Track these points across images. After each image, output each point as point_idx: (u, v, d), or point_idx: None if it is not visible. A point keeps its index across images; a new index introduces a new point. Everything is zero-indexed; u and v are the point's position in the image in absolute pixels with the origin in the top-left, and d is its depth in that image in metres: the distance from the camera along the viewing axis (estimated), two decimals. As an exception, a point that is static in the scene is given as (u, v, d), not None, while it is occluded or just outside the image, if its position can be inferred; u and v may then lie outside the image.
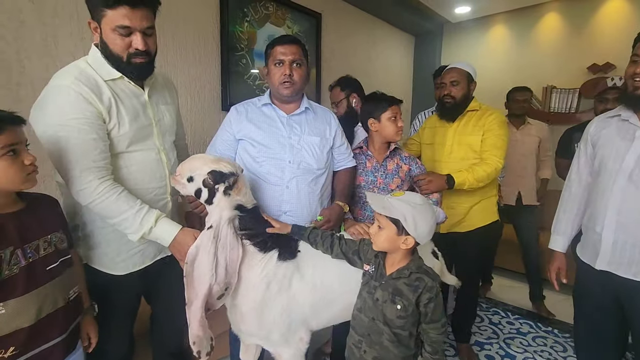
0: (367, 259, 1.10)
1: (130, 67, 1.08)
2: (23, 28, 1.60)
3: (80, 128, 0.99)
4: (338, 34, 3.21)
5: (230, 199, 1.08)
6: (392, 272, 1.03)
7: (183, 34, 2.16)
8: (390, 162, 1.57)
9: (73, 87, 1.00)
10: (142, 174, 1.15)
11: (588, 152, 1.37)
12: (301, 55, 1.38)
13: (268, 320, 1.11)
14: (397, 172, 1.56)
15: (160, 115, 1.23)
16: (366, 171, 1.58)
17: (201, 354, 1.03)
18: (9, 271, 0.82)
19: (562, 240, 1.46)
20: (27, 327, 0.85)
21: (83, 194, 1.02)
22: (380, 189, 1.55)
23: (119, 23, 1.01)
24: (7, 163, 0.81)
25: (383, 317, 1.02)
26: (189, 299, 1.02)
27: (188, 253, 1.02)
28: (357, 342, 1.08)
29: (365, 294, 1.07)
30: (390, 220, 0.97)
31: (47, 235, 0.92)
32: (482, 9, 3.64)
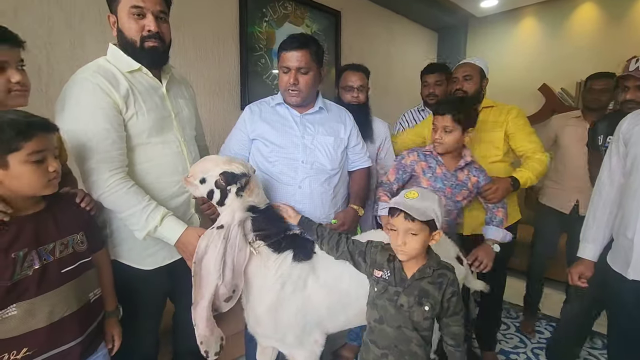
0: (378, 264, 1.03)
1: (144, 52, 1.10)
2: (53, 34, 1.67)
3: (95, 119, 1.02)
4: (357, 31, 3.17)
5: (242, 200, 1.08)
6: (412, 273, 0.99)
7: (202, 35, 2.19)
8: (461, 172, 1.48)
9: (90, 79, 1.03)
10: (164, 167, 1.16)
11: (620, 150, 1.27)
12: (308, 60, 1.29)
13: (283, 321, 1.10)
14: (465, 184, 1.47)
15: (178, 109, 1.24)
16: (435, 176, 1.48)
17: (209, 354, 1.03)
18: (23, 272, 0.83)
19: (593, 248, 1.35)
20: (40, 329, 0.86)
21: (94, 186, 1.03)
22: (447, 198, 1.46)
23: (133, 3, 1.05)
24: (31, 169, 0.83)
25: (411, 323, 0.97)
26: (195, 299, 1.01)
27: (196, 252, 1.01)
28: (379, 357, 1.00)
29: (384, 302, 1.00)
30: (424, 223, 0.94)
31: (64, 237, 0.93)
32: (511, 2, 3.47)
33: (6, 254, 0.81)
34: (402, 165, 1.54)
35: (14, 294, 0.82)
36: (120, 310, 1.13)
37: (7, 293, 0.81)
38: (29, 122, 0.82)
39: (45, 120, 0.87)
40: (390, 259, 1.03)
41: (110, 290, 1.09)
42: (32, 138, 0.82)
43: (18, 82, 0.91)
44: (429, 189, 1.40)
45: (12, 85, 0.91)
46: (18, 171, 0.81)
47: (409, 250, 0.95)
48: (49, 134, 0.87)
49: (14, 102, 0.93)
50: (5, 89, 0.90)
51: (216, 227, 1.04)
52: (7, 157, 0.80)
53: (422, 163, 1.51)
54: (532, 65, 3.53)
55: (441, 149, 1.45)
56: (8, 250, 0.81)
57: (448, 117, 1.40)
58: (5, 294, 0.81)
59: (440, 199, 1.00)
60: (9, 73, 0.90)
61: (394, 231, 0.97)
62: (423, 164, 1.51)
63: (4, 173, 0.81)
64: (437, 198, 0.98)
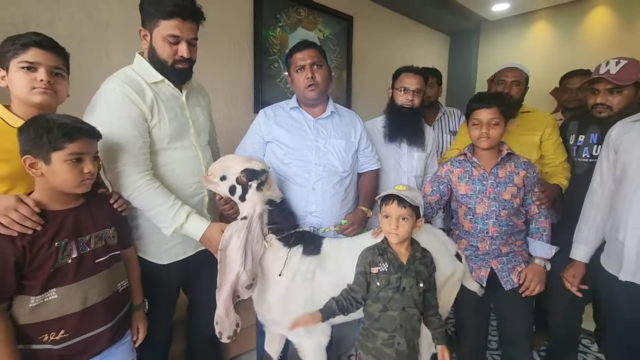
0: (372, 262, 1.12)
1: (173, 72, 1.21)
2: (83, 42, 1.80)
3: (124, 126, 1.12)
4: (370, 36, 3.23)
5: (262, 194, 1.17)
6: (407, 258, 1.12)
7: (218, 40, 2.30)
8: (502, 169, 1.41)
9: (119, 89, 1.13)
10: (182, 169, 1.26)
11: (610, 158, 1.31)
12: (319, 57, 1.44)
13: (292, 310, 1.18)
14: (511, 180, 1.39)
15: (195, 116, 1.34)
16: (473, 179, 1.43)
17: (222, 335, 1.12)
18: (62, 260, 0.93)
19: (584, 249, 1.39)
20: (75, 314, 0.94)
21: (124, 187, 1.14)
22: (490, 199, 1.40)
23: (170, 32, 1.15)
24: (69, 167, 0.92)
25: (413, 302, 1.10)
26: (220, 284, 1.11)
27: (221, 240, 1.11)
28: (387, 339, 1.10)
29: (386, 293, 1.09)
30: (413, 210, 1.10)
31: (98, 230, 1.02)
32: (523, 6, 3.48)
33: (51, 243, 0.91)
34: (437, 177, 1.52)
35: (55, 280, 0.92)
36: (146, 303, 1.22)
37: (49, 278, 0.91)
38: (74, 127, 0.93)
39: (91, 128, 0.98)
40: (380, 253, 1.12)
41: (137, 284, 1.19)
42: (75, 141, 0.92)
43: (42, 81, 1.00)
44: (468, 194, 1.42)
45: (35, 83, 1.00)
46: (58, 168, 0.92)
47: (401, 233, 1.09)
48: (91, 139, 0.98)
49: (35, 98, 1.01)
50: (30, 86, 1.00)
51: (240, 218, 1.14)
52: (51, 155, 0.91)
53: (457, 170, 1.48)
54: (543, 69, 3.52)
55: (487, 144, 1.37)
56: (53, 240, 0.92)
57: (494, 110, 1.36)
58: (48, 279, 0.91)
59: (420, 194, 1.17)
60: (38, 73, 1.00)
61: (387, 218, 1.11)
62: (458, 171, 1.47)
63: (46, 168, 0.92)
64: (420, 192, 1.21)
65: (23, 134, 0.91)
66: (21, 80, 0.99)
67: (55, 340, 0.93)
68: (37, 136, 0.89)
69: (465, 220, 1.45)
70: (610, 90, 1.41)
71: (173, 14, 1.13)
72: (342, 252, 1.26)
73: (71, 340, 0.95)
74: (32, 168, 0.92)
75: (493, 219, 1.39)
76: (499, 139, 1.38)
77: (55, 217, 0.94)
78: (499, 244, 1.41)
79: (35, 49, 0.99)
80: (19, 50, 0.98)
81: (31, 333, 0.91)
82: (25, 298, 0.90)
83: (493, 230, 1.39)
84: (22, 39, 0.99)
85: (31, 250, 0.89)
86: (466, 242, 1.47)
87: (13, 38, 1.00)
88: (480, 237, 1.42)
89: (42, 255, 0.90)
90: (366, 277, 1.12)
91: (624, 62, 1.39)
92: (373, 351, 1.11)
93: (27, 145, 0.90)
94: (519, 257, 1.44)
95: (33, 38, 1.00)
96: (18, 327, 0.90)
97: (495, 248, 1.42)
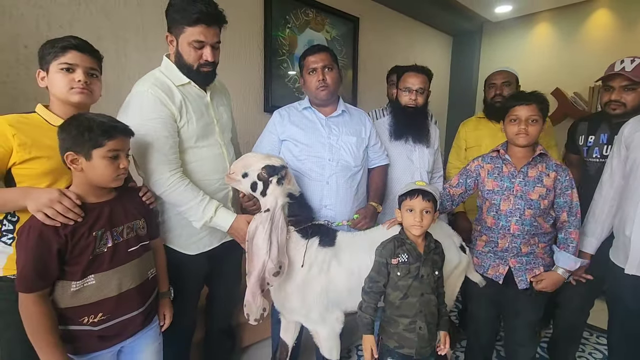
0: (393, 254, 1.19)
1: (198, 75, 1.28)
2: (100, 42, 1.86)
3: (156, 127, 1.18)
4: (375, 36, 3.30)
5: (282, 188, 1.24)
6: (423, 249, 1.21)
7: (230, 41, 2.36)
8: (533, 168, 1.40)
9: (151, 92, 1.20)
10: (208, 166, 1.33)
11: (622, 154, 1.35)
12: (331, 60, 1.51)
13: (308, 298, 1.25)
14: (540, 180, 1.38)
15: (219, 115, 1.41)
16: (502, 176, 1.44)
17: (250, 317, 1.20)
18: (99, 249, 1.00)
19: (590, 240, 1.45)
20: (111, 298, 1.01)
21: (157, 185, 1.21)
22: (517, 197, 1.39)
23: (196, 38, 1.21)
24: (107, 163, 0.99)
25: (431, 289, 1.19)
26: (249, 271, 1.18)
27: (248, 231, 1.18)
28: (408, 325, 1.18)
29: (406, 281, 1.17)
30: (434, 203, 1.20)
31: (130, 222, 1.09)
32: (525, 7, 3.54)
33: (89, 232, 0.98)
34: (467, 170, 1.54)
35: (93, 266, 0.99)
36: (172, 291, 1.29)
37: (88, 265, 0.98)
38: (112, 126, 1.00)
39: (125, 127, 1.05)
40: (399, 245, 1.20)
41: (164, 273, 1.25)
42: (113, 138, 0.99)
43: (79, 81, 1.06)
44: (494, 190, 1.43)
45: (74, 84, 1.06)
46: (97, 164, 0.98)
47: (425, 225, 1.18)
48: (125, 137, 1.04)
49: (73, 98, 1.07)
50: (69, 87, 1.06)
51: (263, 210, 1.21)
52: (92, 151, 0.97)
53: (487, 166, 1.49)
54: (545, 70, 3.59)
55: (526, 141, 1.36)
56: (91, 230, 0.99)
57: (534, 107, 1.35)
58: (87, 265, 0.97)
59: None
60: (75, 74, 1.07)
61: (410, 212, 1.18)
62: (489, 167, 1.48)
63: (86, 164, 0.98)
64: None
65: (64, 132, 0.98)
66: (61, 81, 1.06)
67: (94, 322, 0.99)
68: (78, 134, 0.96)
69: (489, 216, 1.46)
70: (625, 87, 1.46)
71: (199, 20, 1.19)
72: (356, 244, 1.32)
73: (108, 323, 1.02)
74: (73, 164, 0.98)
75: (517, 216, 1.39)
76: (536, 136, 1.38)
77: (92, 209, 1.01)
78: (520, 242, 1.40)
79: (74, 51, 1.06)
80: (58, 53, 1.04)
81: (72, 315, 0.98)
82: (67, 283, 0.96)
83: (515, 228, 1.39)
84: (61, 42, 1.05)
85: (72, 238, 0.95)
86: (487, 238, 1.48)
87: (53, 42, 1.06)
88: (502, 234, 1.43)
89: (82, 243, 0.96)
90: (387, 268, 1.19)
91: (639, 61, 1.45)
92: (395, 336, 1.19)
93: (69, 142, 0.97)
94: (539, 259, 1.43)
95: (72, 41, 1.06)
96: (59, 310, 0.97)
97: (515, 246, 1.41)
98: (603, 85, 1.55)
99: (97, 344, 1.02)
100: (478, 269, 1.51)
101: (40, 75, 1.08)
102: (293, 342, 1.45)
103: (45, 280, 0.93)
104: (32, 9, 1.65)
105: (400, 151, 1.73)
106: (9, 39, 1.58)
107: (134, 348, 1.11)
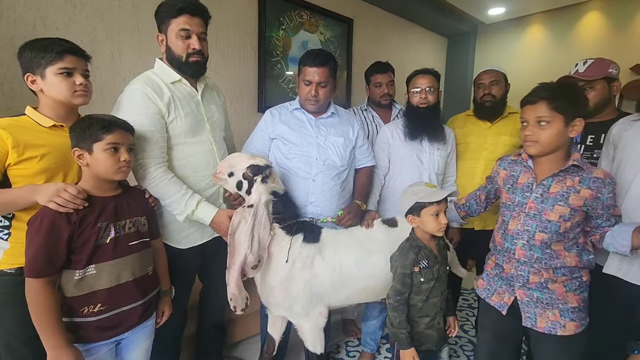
0: (414, 261, 1.23)
1: (189, 66, 1.32)
2: (96, 43, 1.90)
3: (143, 122, 1.23)
4: (370, 38, 3.34)
5: (267, 186, 1.29)
6: (436, 249, 1.28)
7: (225, 43, 2.40)
8: (558, 182, 1.11)
9: (140, 89, 1.25)
10: (198, 163, 1.37)
11: (610, 153, 1.37)
12: (328, 76, 1.50)
13: (292, 293, 1.29)
14: (565, 198, 1.09)
15: (211, 113, 1.45)
16: (515, 188, 1.20)
17: (237, 309, 1.24)
18: (102, 240, 1.04)
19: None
20: (111, 288, 1.05)
21: (143, 178, 1.26)
22: (529, 216, 1.14)
23: (181, 27, 1.28)
24: (107, 155, 1.05)
25: (446, 284, 1.26)
26: (229, 265, 1.22)
27: (230, 225, 1.22)
28: (429, 322, 1.25)
29: (428, 285, 1.23)
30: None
31: (133, 217, 1.14)
32: (518, 10, 3.59)
33: (95, 223, 1.04)
34: (491, 174, 1.36)
35: (94, 257, 1.04)
36: (173, 290, 1.33)
37: (90, 255, 1.03)
38: (111, 121, 1.07)
39: (124, 122, 1.12)
40: (417, 252, 1.25)
41: (165, 272, 1.30)
42: (111, 132, 1.05)
43: (81, 84, 1.12)
44: (505, 204, 1.23)
45: (76, 87, 1.12)
46: (98, 157, 1.05)
47: (446, 225, 1.24)
48: (125, 132, 1.10)
49: (76, 100, 1.13)
50: (72, 90, 1.11)
51: (247, 205, 1.25)
52: (93, 145, 1.04)
53: (503, 172, 1.26)
54: (538, 71, 3.63)
55: (534, 150, 1.11)
56: (96, 221, 1.04)
57: (543, 105, 1.07)
58: (90, 255, 1.03)
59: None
60: (75, 77, 1.12)
61: (437, 216, 1.23)
62: (504, 174, 1.26)
63: (90, 158, 1.05)
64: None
65: (72, 131, 1.07)
66: (62, 85, 1.09)
67: (94, 313, 1.04)
68: (81, 131, 1.05)
69: (498, 233, 1.26)
70: (583, 87, 1.51)
71: (182, 10, 1.27)
72: (339, 240, 1.37)
73: (107, 313, 1.06)
74: (80, 159, 1.05)
75: (524, 240, 1.15)
76: (552, 143, 1.08)
77: (98, 202, 1.07)
78: (528, 271, 1.15)
79: (70, 55, 1.10)
80: (55, 57, 1.08)
81: (75, 305, 1.03)
82: (72, 272, 1.02)
83: (521, 253, 1.15)
84: (56, 47, 1.08)
85: (79, 227, 1.01)
86: (494, 259, 1.28)
87: (43, 45, 1.08)
88: (507, 258, 1.20)
89: (87, 232, 1.02)
90: (411, 277, 1.23)
91: (591, 61, 1.54)
92: (416, 336, 1.25)
93: (75, 140, 1.05)
94: (557, 300, 1.12)
95: (66, 45, 1.10)
96: (66, 299, 1.02)
97: (521, 275, 1.16)
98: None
99: (95, 334, 1.05)
100: (482, 292, 1.30)
101: (30, 79, 1.10)
102: (280, 336, 1.49)
103: (53, 267, 0.98)
104: (29, 11, 1.69)
105: (410, 151, 1.72)
106: (5, 40, 1.63)
107: (131, 342, 1.15)
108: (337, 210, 1.54)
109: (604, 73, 1.51)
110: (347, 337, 2.17)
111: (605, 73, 1.50)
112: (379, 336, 1.88)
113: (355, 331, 2.16)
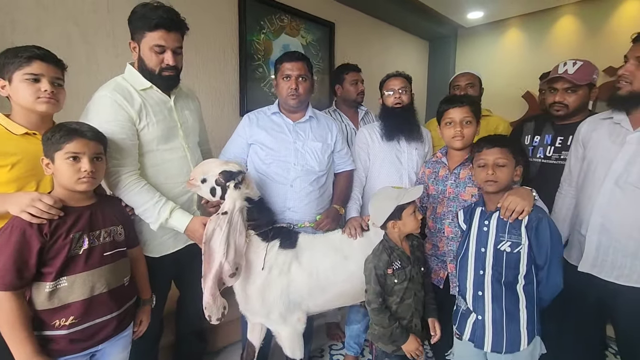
0: (387, 264, 1.24)
1: (160, 79, 1.31)
2: (71, 48, 1.86)
3: (113, 129, 1.20)
4: (351, 41, 3.36)
5: (240, 192, 1.27)
6: (409, 250, 1.30)
7: (206, 46, 2.38)
8: (464, 169, 1.42)
9: (109, 96, 1.22)
10: (171, 169, 1.35)
11: (579, 152, 1.37)
12: (306, 70, 1.55)
13: (269, 300, 1.28)
14: (471, 180, 1.39)
15: (184, 119, 1.43)
16: (437, 180, 1.49)
17: (212, 318, 1.22)
18: (74, 251, 1.01)
19: None
20: (83, 301, 1.02)
21: (114, 186, 1.23)
22: (449, 199, 1.42)
23: (156, 42, 1.25)
24: (67, 165, 1.01)
25: (420, 285, 1.29)
26: (204, 273, 1.20)
27: (205, 233, 1.20)
28: (406, 325, 1.25)
29: (401, 285, 1.24)
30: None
31: (108, 227, 1.11)
32: (495, 14, 3.67)
33: (67, 234, 1.01)
34: (418, 179, 1.63)
35: (66, 268, 1.01)
36: (154, 299, 1.30)
37: (63, 267, 1.00)
38: (71, 129, 1.03)
39: (91, 130, 1.07)
40: (389, 253, 1.26)
41: (145, 280, 1.27)
42: (71, 141, 1.02)
43: (45, 91, 1.08)
44: (432, 195, 1.51)
45: (40, 94, 1.08)
46: (59, 166, 1.02)
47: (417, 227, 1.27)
48: (88, 140, 1.04)
49: (40, 107, 1.09)
50: (35, 96, 1.08)
51: (221, 213, 1.23)
52: (54, 154, 1.01)
53: (427, 170, 1.56)
54: (516, 74, 3.72)
55: (461, 143, 1.40)
56: (69, 231, 1.02)
57: (467, 108, 1.39)
58: (62, 267, 1.00)
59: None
60: (42, 84, 1.08)
61: (414, 215, 1.25)
62: (428, 171, 1.55)
63: (53, 167, 1.02)
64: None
65: (42, 139, 1.04)
66: (26, 91, 1.07)
67: (66, 326, 1.01)
68: (46, 139, 1.02)
69: (429, 219, 1.52)
70: (567, 89, 1.50)
71: (158, 25, 1.23)
72: (316, 246, 1.37)
73: (80, 326, 1.03)
74: (48, 168, 1.03)
75: (449, 219, 1.42)
76: (472, 138, 1.40)
77: (72, 212, 1.04)
78: (455, 245, 1.40)
79: (39, 61, 1.07)
80: (23, 63, 1.05)
81: (45, 319, 1.00)
82: (42, 285, 0.99)
83: (448, 230, 1.43)
84: (25, 52, 1.06)
85: (51, 238, 0.98)
86: (431, 242, 1.53)
87: (15, 51, 1.06)
88: (439, 237, 1.47)
89: (59, 244, 0.99)
90: (385, 279, 1.24)
91: (580, 63, 1.49)
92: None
93: (43, 148, 1.03)
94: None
95: (36, 51, 1.07)
96: (36, 312, 0.99)
97: (451, 249, 1.42)
98: (548, 87, 1.59)
99: (68, 346, 1.02)
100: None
101: (0, 84, 1.09)
102: (260, 342, 1.48)
103: (23, 279, 0.95)
104: (-3, 15, 1.65)
105: (389, 152, 1.72)
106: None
107: (106, 354, 1.12)
108: (315, 216, 1.53)
109: (589, 79, 1.49)
110: (331, 340, 2.17)
111: (589, 79, 1.50)
112: (363, 339, 1.88)
113: (340, 334, 2.16)
